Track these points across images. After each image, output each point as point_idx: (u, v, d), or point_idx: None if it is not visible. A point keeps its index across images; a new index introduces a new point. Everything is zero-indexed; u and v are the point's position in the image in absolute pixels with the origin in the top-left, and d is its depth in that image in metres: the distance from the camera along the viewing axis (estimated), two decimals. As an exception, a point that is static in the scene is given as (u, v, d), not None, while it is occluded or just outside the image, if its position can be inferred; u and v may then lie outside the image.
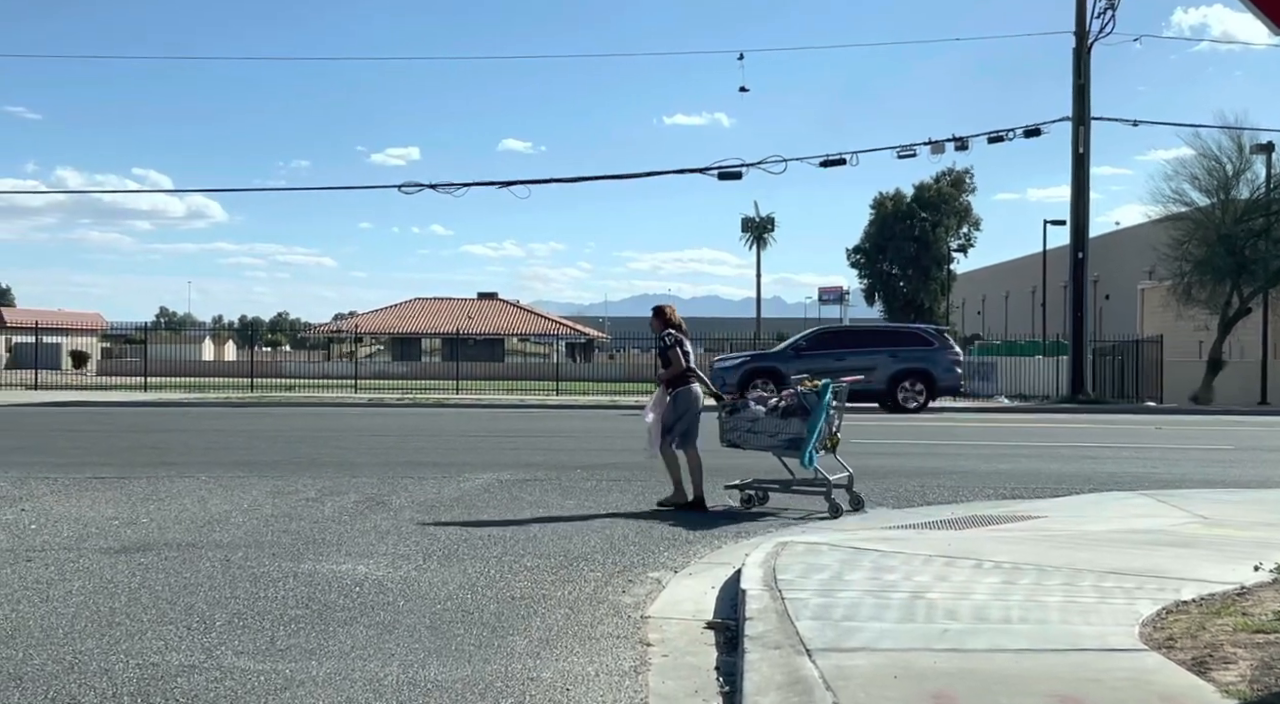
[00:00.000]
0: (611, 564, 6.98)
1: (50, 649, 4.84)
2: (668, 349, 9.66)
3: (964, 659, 4.30)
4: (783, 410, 9.55)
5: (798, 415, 9.46)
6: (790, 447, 9.50)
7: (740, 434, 9.73)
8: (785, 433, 9.50)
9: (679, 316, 10.01)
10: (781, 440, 9.54)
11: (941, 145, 30.27)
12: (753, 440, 9.68)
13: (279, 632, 5.20)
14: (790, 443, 9.48)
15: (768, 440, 9.62)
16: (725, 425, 9.82)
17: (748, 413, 9.69)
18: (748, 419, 9.67)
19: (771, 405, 9.65)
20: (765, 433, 9.59)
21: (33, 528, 8.07)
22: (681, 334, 9.81)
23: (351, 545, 7.49)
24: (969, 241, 71.97)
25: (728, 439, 9.83)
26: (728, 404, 9.90)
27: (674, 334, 9.72)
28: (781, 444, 9.56)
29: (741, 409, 9.75)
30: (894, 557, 6.45)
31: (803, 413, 9.46)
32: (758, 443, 9.67)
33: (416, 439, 17.36)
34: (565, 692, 4.36)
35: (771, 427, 9.56)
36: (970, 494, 10.46)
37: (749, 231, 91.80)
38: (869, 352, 25.39)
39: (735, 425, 9.75)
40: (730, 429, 9.78)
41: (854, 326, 28.02)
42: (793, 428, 9.46)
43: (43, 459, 13.08)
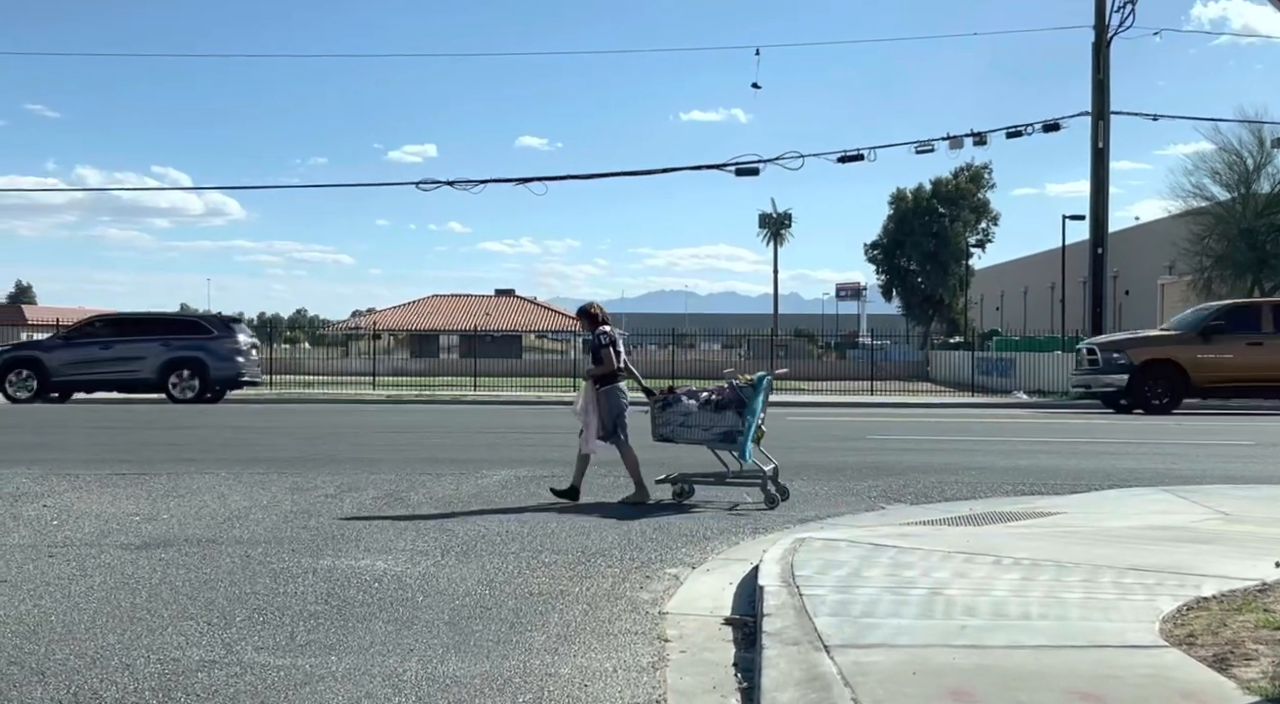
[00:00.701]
0: (629, 560, 6.99)
1: (72, 644, 4.88)
2: (601, 348, 9.73)
3: (983, 656, 4.29)
4: (716, 404, 9.62)
5: (731, 409, 9.55)
6: (724, 440, 9.58)
7: (673, 428, 9.78)
8: (719, 426, 9.58)
9: (603, 311, 10.11)
10: (715, 434, 9.62)
11: (960, 140, 30.19)
12: (686, 434, 9.74)
13: (298, 627, 5.23)
14: (724, 436, 9.57)
15: (701, 434, 9.68)
16: (658, 420, 9.85)
17: (680, 407, 9.74)
18: (680, 413, 9.72)
19: (704, 399, 9.70)
20: (699, 426, 9.66)
21: (54, 524, 8.13)
22: (614, 332, 9.93)
23: (370, 541, 7.51)
24: (987, 237, 71.68)
25: (660, 433, 9.87)
26: (659, 399, 9.91)
27: (608, 333, 9.82)
28: (715, 437, 9.63)
29: (674, 403, 9.79)
30: (912, 553, 6.44)
31: (737, 406, 9.54)
32: (691, 436, 9.73)
33: (434, 435, 17.41)
34: (583, 687, 4.37)
35: (705, 420, 9.63)
36: (988, 490, 10.42)
37: (766, 227, 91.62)
38: (140, 341, 25.35)
39: (668, 420, 9.79)
40: (663, 423, 9.82)
41: (128, 315, 27.69)
42: (727, 421, 9.54)
43: (64, 455, 13.16)
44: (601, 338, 9.76)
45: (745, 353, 55.45)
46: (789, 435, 17.60)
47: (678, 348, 40.94)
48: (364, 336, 61.89)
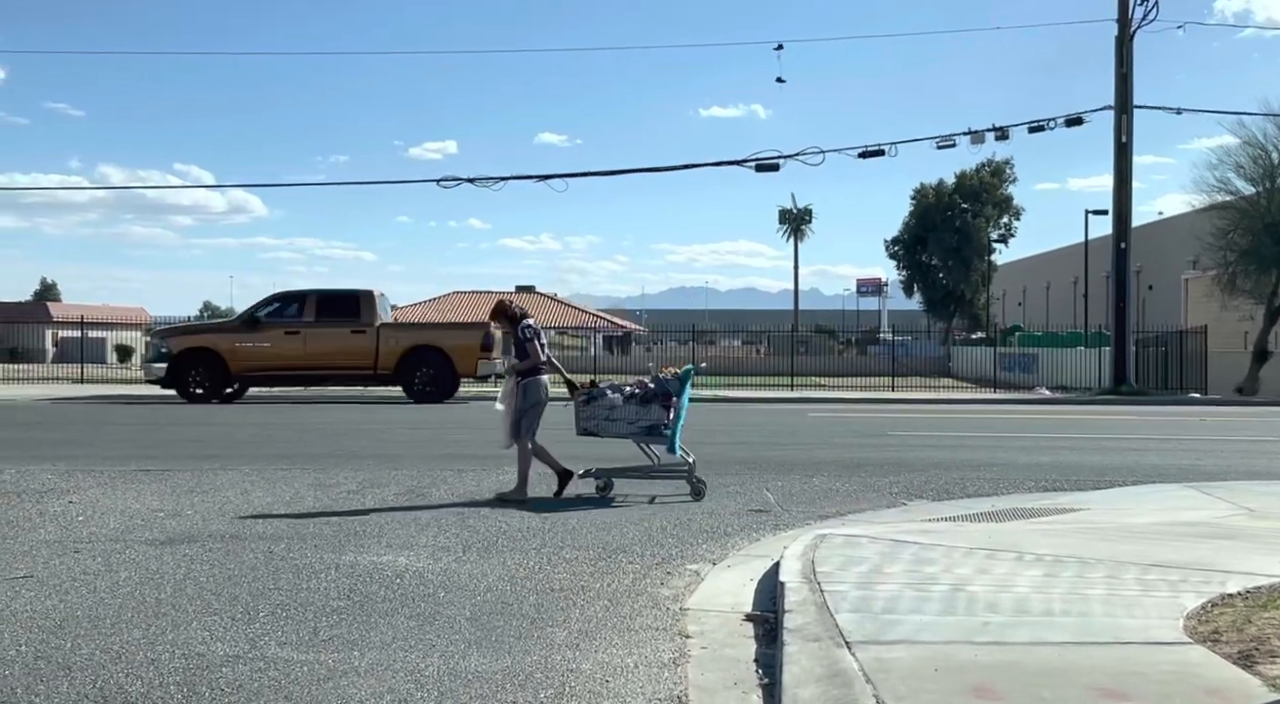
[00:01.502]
0: (650, 556, 6.99)
1: (98, 639, 4.92)
2: (526, 341, 9.68)
3: (1005, 652, 4.27)
4: (641, 397, 9.59)
5: (657, 402, 9.52)
6: (650, 433, 9.56)
7: (598, 422, 9.72)
8: (645, 419, 9.56)
9: (511, 305, 10.06)
10: (641, 427, 9.60)
11: (982, 135, 30.01)
12: (611, 428, 9.68)
13: (321, 623, 5.26)
14: (650, 429, 9.55)
15: (626, 428, 9.65)
16: (581, 414, 9.79)
17: (605, 401, 9.69)
18: (605, 407, 9.68)
19: (629, 393, 9.65)
20: (624, 420, 9.62)
21: (80, 520, 8.19)
22: (537, 325, 9.91)
23: (392, 537, 7.54)
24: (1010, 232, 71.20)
25: (584, 427, 9.80)
26: (584, 393, 9.82)
27: (532, 326, 9.78)
28: (641, 430, 9.61)
29: (598, 397, 9.73)
30: (934, 549, 6.42)
31: (663, 399, 9.51)
32: (616, 430, 9.68)
33: (456, 432, 17.45)
34: (605, 683, 4.38)
35: (631, 414, 9.60)
36: (1011, 486, 10.38)
37: (786, 223, 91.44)
38: None
39: (592, 414, 9.74)
40: (587, 418, 9.76)
41: None
42: (653, 414, 9.53)
43: (89, 452, 13.26)
44: (527, 331, 9.70)
45: (766, 349, 55.34)
46: (810, 432, 17.57)
47: (698, 344, 40.87)
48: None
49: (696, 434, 16.81)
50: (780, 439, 15.98)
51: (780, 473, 11.27)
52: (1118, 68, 29.30)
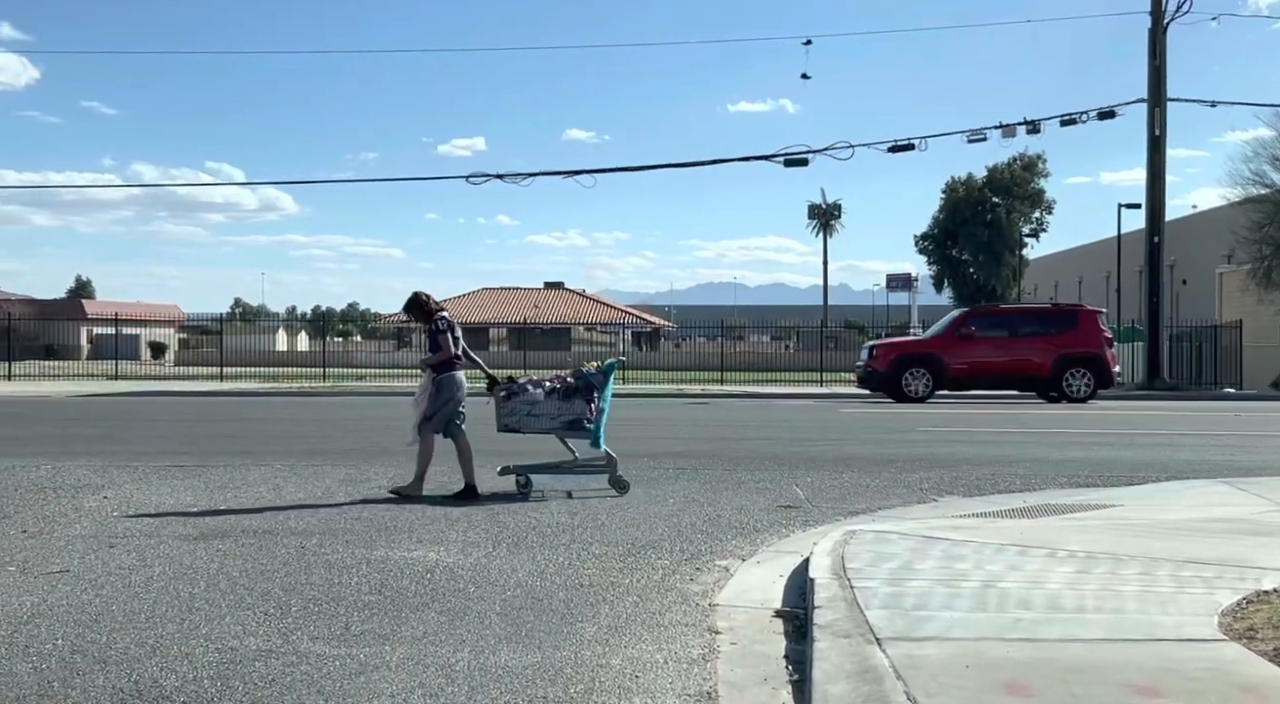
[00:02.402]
0: (679, 552, 6.99)
1: (133, 633, 4.97)
2: (438, 334, 9.54)
3: (1038, 649, 4.24)
4: (564, 392, 9.51)
5: (580, 396, 9.45)
6: (572, 428, 9.48)
7: (519, 418, 9.61)
8: (568, 415, 9.47)
9: (429, 299, 9.85)
10: (563, 422, 9.50)
11: (1013, 129, 29.84)
12: (533, 424, 9.58)
13: (353, 617, 5.29)
14: (572, 424, 9.47)
15: (549, 423, 9.54)
16: (502, 410, 9.67)
17: (526, 396, 9.58)
18: (527, 402, 9.57)
19: (550, 388, 9.56)
20: (547, 415, 9.52)
21: (115, 515, 8.28)
22: (450, 319, 9.75)
23: (422, 532, 7.58)
24: (1041, 226, 70.80)
25: (505, 423, 9.68)
26: (504, 388, 9.72)
27: (445, 320, 9.62)
28: (563, 426, 9.51)
29: (519, 393, 9.61)
30: (965, 545, 6.39)
31: (585, 393, 9.45)
32: (538, 426, 9.57)
33: (485, 428, 17.48)
34: (634, 678, 4.38)
35: (553, 409, 9.50)
36: (1042, 483, 10.31)
37: (815, 218, 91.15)
38: None
39: (514, 410, 9.62)
40: (508, 414, 9.65)
41: None
42: (576, 409, 9.44)
43: (124, 448, 13.40)
44: (439, 324, 9.55)
45: (795, 345, 55.23)
46: (839, 428, 17.52)
47: (726, 340, 40.82)
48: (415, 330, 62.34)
49: (727, 430, 16.83)
50: (810, 435, 15.94)
51: (810, 469, 11.24)
52: (1150, 60, 29.02)
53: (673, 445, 13.99)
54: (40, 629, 5.03)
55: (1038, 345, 25.09)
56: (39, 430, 16.33)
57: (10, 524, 7.84)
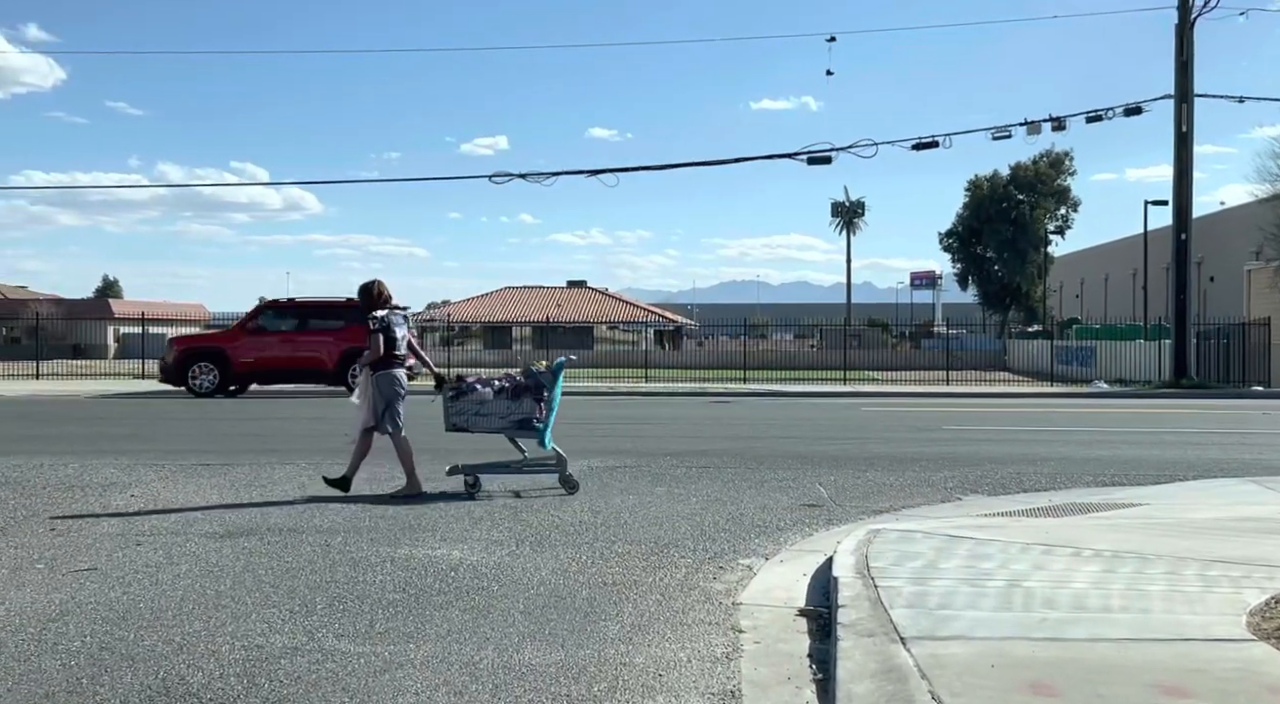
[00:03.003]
0: (702, 551, 6.99)
1: (160, 630, 5.01)
2: (371, 333, 9.45)
3: (1063, 648, 4.22)
4: (513, 391, 9.48)
5: (529, 395, 9.45)
6: (521, 427, 9.46)
7: (468, 417, 9.58)
8: (517, 414, 9.46)
9: (387, 293, 9.68)
10: (512, 421, 9.48)
11: (1038, 126, 29.65)
12: (482, 423, 9.55)
13: (378, 615, 5.31)
14: (521, 423, 9.45)
15: (498, 422, 9.51)
16: (451, 409, 9.62)
17: (475, 396, 9.55)
18: (475, 401, 9.55)
19: (499, 387, 9.53)
20: (496, 415, 9.51)
21: (142, 513, 8.34)
22: (392, 314, 9.57)
23: (446, 531, 7.60)
24: (1067, 223, 70.21)
25: (454, 423, 9.63)
26: (453, 387, 9.66)
27: (378, 318, 9.47)
28: (512, 425, 9.49)
29: (467, 392, 9.58)
30: (990, 544, 6.36)
31: (535, 392, 9.44)
32: (487, 425, 9.54)
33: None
34: (658, 677, 4.38)
35: (502, 408, 9.49)
36: (1068, 481, 10.25)
37: (839, 216, 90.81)
38: None
39: (462, 409, 9.60)
40: (457, 413, 9.61)
41: None
42: (525, 408, 9.44)
43: (150, 446, 13.49)
44: (373, 323, 9.45)
45: (818, 343, 55.08)
46: (863, 426, 17.47)
47: (749, 338, 40.76)
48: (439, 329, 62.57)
49: (750, 429, 16.80)
50: (833, 433, 15.90)
51: (833, 467, 11.21)
52: (1178, 56, 28.79)
53: (695, 444, 13.99)
54: (69, 626, 5.07)
55: (325, 339, 25.20)
56: (67, 429, 16.47)
57: (39, 522, 7.92)
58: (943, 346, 42.49)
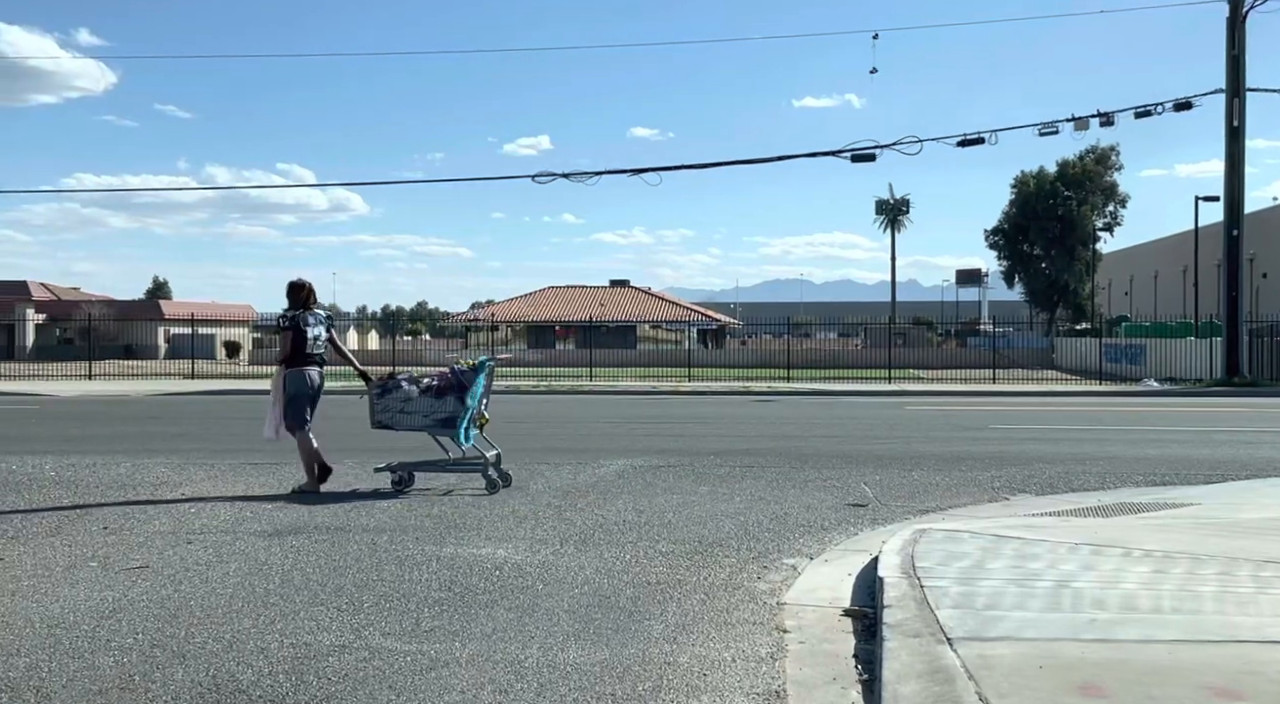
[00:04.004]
0: (746, 550, 6.97)
1: (210, 628, 5.07)
2: (280, 331, 9.54)
3: (1113, 650, 4.17)
4: (437, 390, 9.50)
5: (452, 394, 9.44)
6: (444, 425, 9.48)
7: (392, 415, 9.62)
8: (440, 412, 9.49)
9: (308, 292, 9.73)
10: (436, 420, 9.51)
11: (1086, 121, 29.28)
12: (405, 421, 9.59)
13: (423, 613, 5.35)
14: (444, 422, 9.47)
15: (421, 420, 9.55)
16: (376, 407, 9.67)
17: (400, 393, 9.58)
18: (400, 399, 9.58)
19: (425, 385, 9.55)
20: (419, 413, 9.54)
21: (192, 512, 8.45)
22: (308, 313, 9.60)
23: (491, 530, 7.64)
24: (1115, 220, 69.33)
25: (379, 420, 9.68)
26: (378, 385, 9.69)
27: (289, 316, 9.54)
28: (436, 423, 9.52)
29: (393, 389, 9.61)
30: (1037, 544, 6.29)
31: (458, 390, 9.44)
32: (411, 423, 9.58)
33: (551, 425, 17.60)
34: (702, 676, 4.38)
35: (426, 406, 9.52)
36: (1117, 481, 10.13)
37: (883, 214, 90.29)
38: None
39: (387, 406, 9.63)
40: (382, 410, 9.65)
41: None
42: (448, 407, 9.46)
43: (201, 445, 13.66)
44: (283, 321, 9.54)
45: (862, 341, 54.80)
46: (908, 425, 17.35)
47: (792, 337, 40.63)
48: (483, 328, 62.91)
49: (794, 428, 16.74)
50: (878, 433, 15.81)
51: (878, 467, 11.15)
52: (1229, 50, 28.36)
53: (739, 443, 13.96)
54: (121, 623, 5.15)
55: None
56: (119, 429, 16.72)
57: (92, 520, 8.05)
58: (989, 345, 42.10)
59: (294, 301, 9.68)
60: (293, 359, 9.53)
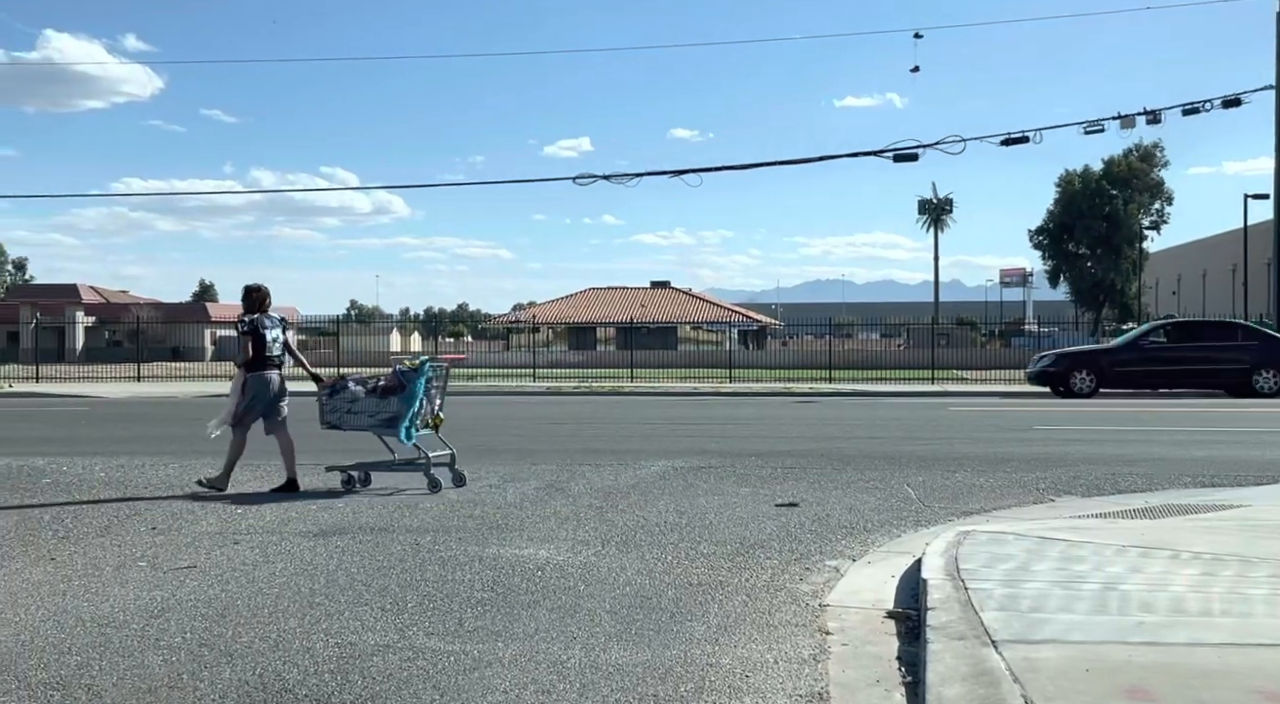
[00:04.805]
0: (788, 552, 6.95)
1: (257, 628, 5.13)
2: (240, 336, 9.74)
3: (1162, 653, 4.12)
4: (383, 390, 9.61)
5: (397, 394, 9.56)
6: (389, 425, 9.61)
7: (340, 415, 9.80)
8: (385, 412, 9.62)
9: (263, 296, 9.99)
10: (380, 420, 9.65)
11: (1132, 119, 28.95)
12: (352, 421, 9.76)
13: (467, 613, 5.38)
14: (389, 421, 9.60)
15: (367, 420, 9.71)
16: (325, 407, 9.86)
17: (347, 394, 9.74)
18: (347, 400, 9.74)
19: (371, 386, 9.68)
20: (365, 413, 9.69)
21: (238, 512, 8.55)
22: (265, 317, 9.83)
23: (533, 530, 7.67)
24: (1162, 218, 68.55)
25: (328, 421, 9.87)
26: (327, 386, 9.86)
27: (248, 321, 9.74)
28: (380, 423, 9.67)
29: (341, 390, 9.77)
30: (1083, 547, 6.23)
31: (401, 391, 9.55)
32: (357, 423, 9.75)
33: (593, 426, 17.63)
34: (744, 678, 4.37)
35: (371, 407, 9.67)
36: (1165, 482, 10.00)
37: (926, 214, 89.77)
38: None
39: (335, 407, 9.82)
40: (330, 411, 9.84)
41: None
42: (392, 407, 9.59)
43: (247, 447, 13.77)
44: (242, 326, 9.76)
45: (905, 342, 54.45)
46: (951, 426, 17.23)
47: (834, 338, 40.44)
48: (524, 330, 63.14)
49: (835, 429, 16.67)
50: (921, 433, 15.71)
51: (921, 468, 11.08)
52: (1278, 45, 27.92)
53: (780, 444, 13.92)
54: (170, 623, 5.22)
55: None
56: (167, 430, 16.94)
57: (141, 521, 8.16)
58: (1034, 345, 41.71)
59: (250, 306, 9.95)
60: (252, 363, 9.80)
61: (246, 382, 9.80)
